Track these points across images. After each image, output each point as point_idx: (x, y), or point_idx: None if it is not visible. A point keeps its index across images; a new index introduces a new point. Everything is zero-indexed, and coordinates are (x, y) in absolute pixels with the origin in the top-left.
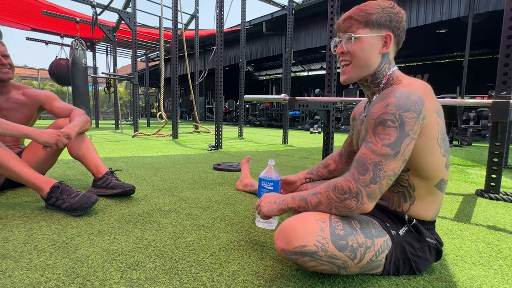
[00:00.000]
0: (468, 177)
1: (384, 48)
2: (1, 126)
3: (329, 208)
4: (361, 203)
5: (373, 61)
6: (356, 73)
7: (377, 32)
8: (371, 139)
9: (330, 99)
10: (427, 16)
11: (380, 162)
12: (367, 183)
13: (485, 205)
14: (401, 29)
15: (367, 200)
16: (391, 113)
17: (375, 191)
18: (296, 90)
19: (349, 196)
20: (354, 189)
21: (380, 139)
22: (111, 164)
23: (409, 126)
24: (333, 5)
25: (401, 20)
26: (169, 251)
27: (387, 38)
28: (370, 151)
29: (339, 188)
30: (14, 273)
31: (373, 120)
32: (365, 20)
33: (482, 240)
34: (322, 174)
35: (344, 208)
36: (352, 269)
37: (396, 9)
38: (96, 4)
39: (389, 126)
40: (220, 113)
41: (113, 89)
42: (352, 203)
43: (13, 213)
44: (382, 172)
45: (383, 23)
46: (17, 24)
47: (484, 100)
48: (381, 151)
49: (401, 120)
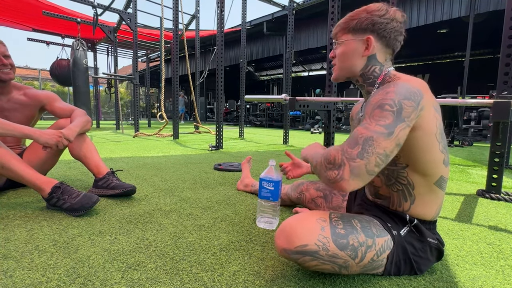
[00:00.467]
0: (469, 177)
1: (366, 51)
2: (2, 127)
3: (317, 173)
4: (340, 177)
5: (355, 63)
6: (340, 73)
7: (359, 36)
8: (366, 121)
9: (330, 99)
10: (428, 16)
11: (372, 137)
12: (353, 157)
13: (486, 205)
14: (388, 30)
15: (348, 175)
16: (391, 99)
17: (360, 167)
18: (296, 90)
19: (332, 167)
20: (339, 160)
21: (375, 120)
22: (112, 164)
23: (406, 112)
24: (333, 5)
25: (388, 21)
26: (170, 251)
27: (368, 41)
28: (363, 128)
29: (327, 156)
30: (16, 273)
31: (371, 105)
32: (347, 26)
33: (484, 241)
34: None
35: (324, 178)
36: (353, 269)
37: (382, 11)
38: (97, 4)
39: (386, 110)
40: (220, 114)
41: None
42: (332, 174)
43: (14, 213)
44: (371, 148)
45: (364, 27)
46: (19, 24)
47: (485, 100)
48: (375, 128)
49: (400, 106)
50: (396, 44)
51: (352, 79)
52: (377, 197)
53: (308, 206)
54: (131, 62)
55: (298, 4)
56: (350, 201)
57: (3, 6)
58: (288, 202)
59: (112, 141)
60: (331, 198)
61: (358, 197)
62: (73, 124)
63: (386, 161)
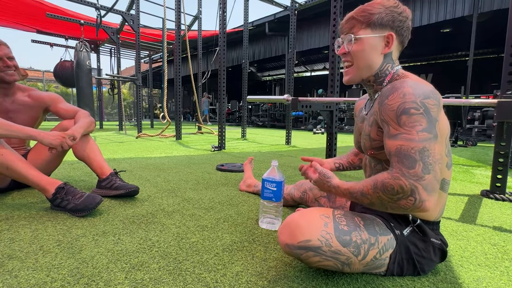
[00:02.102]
0: (473, 178)
1: (386, 48)
2: (7, 128)
3: (384, 207)
4: (420, 201)
5: (374, 62)
6: (358, 74)
7: (379, 33)
8: (399, 130)
9: (333, 100)
10: (431, 15)
11: (425, 147)
12: (421, 176)
13: (491, 205)
14: (404, 29)
15: (425, 195)
16: (411, 101)
17: (431, 182)
18: (299, 90)
19: (403, 196)
20: (407, 187)
21: (410, 127)
22: (115, 165)
23: (433, 112)
24: (335, 5)
25: (405, 19)
26: (173, 252)
27: (389, 38)
28: (407, 141)
29: (388, 189)
30: (20, 273)
31: (393, 111)
32: (366, 20)
33: (488, 241)
34: (352, 162)
35: (400, 209)
36: (355, 266)
37: (400, 8)
38: (100, 6)
39: (414, 114)
40: (223, 114)
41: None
42: (409, 203)
43: (19, 214)
44: (430, 158)
45: (385, 23)
46: (23, 26)
47: (489, 100)
48: (420, 137)
49: (425, 106)
50: (406, 42)
51: (365, 80)
52: None
53: (311, 206)
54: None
55: (300, 4)
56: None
57: (7, 8)
58: (291, 202)
59: (115, 142)
60: (334, 198)
61: None
62: (77, 125)
63: (442, 162)
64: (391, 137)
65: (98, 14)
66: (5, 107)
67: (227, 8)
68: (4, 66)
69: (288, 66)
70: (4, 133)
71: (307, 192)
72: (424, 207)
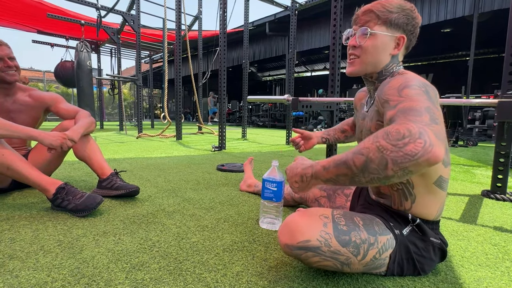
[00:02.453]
0: (474, 178)
1: (395, 49)
2: (7, 128)
3: (383, 164)
4: (430, 144)
5: (382, 60)
6: (363, 68)
7: (392, 32)
8: (401, 99)
9: (333, 100)
10: (431, 15)
11: (429, 107)
12: (429, 122)
13: (491, 206)
14: (414, 35)
15: (435, 139)
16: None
17: (440, 132)
18: (299, 90)
19: (411, 139)
20: (415, 129)
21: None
22: (116, 165)
23: (432, 94)
24: (336, 5)
25: (416, 25)
26: (174, 252)
27: (400, 40)
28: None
29: (393, 133)
30: (21, 273)
31: (394, 89)
32: (384, 17)
33: (489, 242)
34: (338, 138)
35: (406, 157)
36: (355, 266)
37: (415, 13)
38: (101, 6)
39: (416, 89)
40: (223, 114)
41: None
42: (417, 147)
43: (20, 214)
44: (435, 115)
45: (401, 24)
46: (24, 26)
47: (489, 100)
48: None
49: (425, 87)
50: (410, 49)
51: (369, 75)
52: (380, 196)
53: (311, 205)
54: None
55: (301, 4)
56: (354, 201)
57: (8, 8)
58: (291, 202)
59: (115, 142)
60: (334, 198)
61: (362, 197)
62: (77, 126)
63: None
64: (392, 108)
65: (99, 14)
66: (6, 107)
67: (227, 8)
68: (5, 66)
69: (289, 66)
70: (5, 133)
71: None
72: (434, 152)
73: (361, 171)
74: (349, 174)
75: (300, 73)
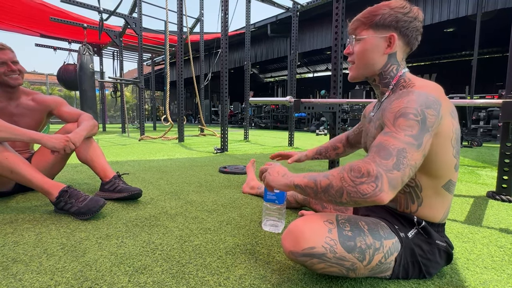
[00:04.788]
0: (479, 179)
1: (388, 48)
2: (11, 132)
3: (339, 192)
4: (380, 190)
5: (376, 61)
6: (359, 72)
7: (381, 33)
8: (390, 129)
9: (336, 101)
10: (434, 15)
11: (404, 149)
12: (390, 168)
13: (497, 207)
14: (410, 29)
15: (387, 187)
16: (413, 107)
17: (397, 179)
18: (301, 91)
19: (367, 180)
20: (374, 172)
21: (401, 130)
22: (118, 167)
23: (430, 122)
24: (337, 6)
25: (411, 20)
26: (176, 255)
27: (391, 39)
28: (392, 138)
29: (355, 170)
30: (25, 277)
31: (393, 113)
32: (369, 21)
33: (494, 244)
34: (329, 156)
35: (357, 194)
36: (361, 271)
37: (406, 9)
38: (103, 10)
39: (411, 119)
40: (225, 116)
41: (120, 93)
42: (369, 188)
43: (23, 217)
44: (406, 159)
45: (388, 23)
46: (27, 30)
47: (494, 100)
48: (405, 139)
49: (423, 115)
50: (415, 44)
51: (369, 79)
52: None
53: (314, 207)
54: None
55: (302, 5)
56: None
57: (12, 12)
58: (294, 204)
59: (118, 144)
60: None
61: None
62: (80, 129)
63: (414, 172)
64: (382, 134)
65: (101, 17)
66: (9, 110)
67: (229, 10)
68: (8, 70)
69: (291, 67)
70: (9, 137)
71: None
72: (380, 197)
73: (322, 191)
74: (314, 189)
75: (302, 74)
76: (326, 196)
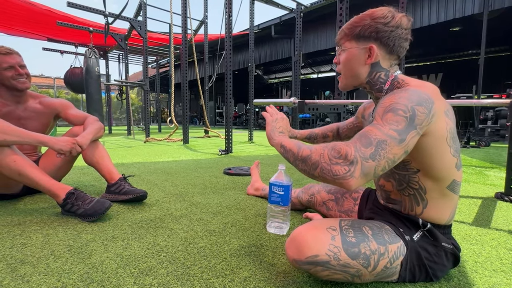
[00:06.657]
0: (487, 180)
1: (369, 59)
2: (19, 135)
3: (315, 166)
4: (351, 175)
5: (359, 71)
6: (346, 82)
7: (362, 44)
8: (378, 122)
9: (340, 102)
10: (440, 14)
11: (385, 141)
12: (366, 157)
13: (506, 208)
14: (392, 38)
15: (358, 173)
16: (404, 104)
17: (370, 168)
18: (305, 92)
19: (342, 162)
20: (351, 157)
21: (387, 123)
22: (124, 169)
23: (418, 120)
24: (341, 6)
25: (393, 29)
26: (181, 257)
27: (371, 50)
28: (376, 129)
29: (336, 150)
30: (32, 278)
31: (383, 108)
32: (351, 33)
33: (503, 246)
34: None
35: (329, 173)
36: (366, 277)
37: (387, 19)
38: (108, 13)
39: (399, 115)
40: (230, 117)
41: (125, 95)
42: (341, 170)
43: (31, 219)
44: (384, 151)
45: (368, 35)
46: (34, 35)
47: (501, 100)
48: (388, 132)
49: (413, 112)
50: (401, 51)
51: (360, 87)
52: (389, 201)
53: (319, 209)
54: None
55: (306, 6)
56: (362, 205)
57: (20, 17)
58: (299, 205)
59: (123, 146)
60: (342, 202)
61: (370, 201)
62: (86, 132)
63: (391, 167)
64: (369, 125)
65: (106, 21)
66: (17, 114)
67: (232, 12)
68: (16, 74)
69: (295, 68)
70: (17, 140)
71: (315, 195)
72: (349, 181)
73: (301, 160)
74: (295, 155)
75: (306, 75)
76: (303, 165)
